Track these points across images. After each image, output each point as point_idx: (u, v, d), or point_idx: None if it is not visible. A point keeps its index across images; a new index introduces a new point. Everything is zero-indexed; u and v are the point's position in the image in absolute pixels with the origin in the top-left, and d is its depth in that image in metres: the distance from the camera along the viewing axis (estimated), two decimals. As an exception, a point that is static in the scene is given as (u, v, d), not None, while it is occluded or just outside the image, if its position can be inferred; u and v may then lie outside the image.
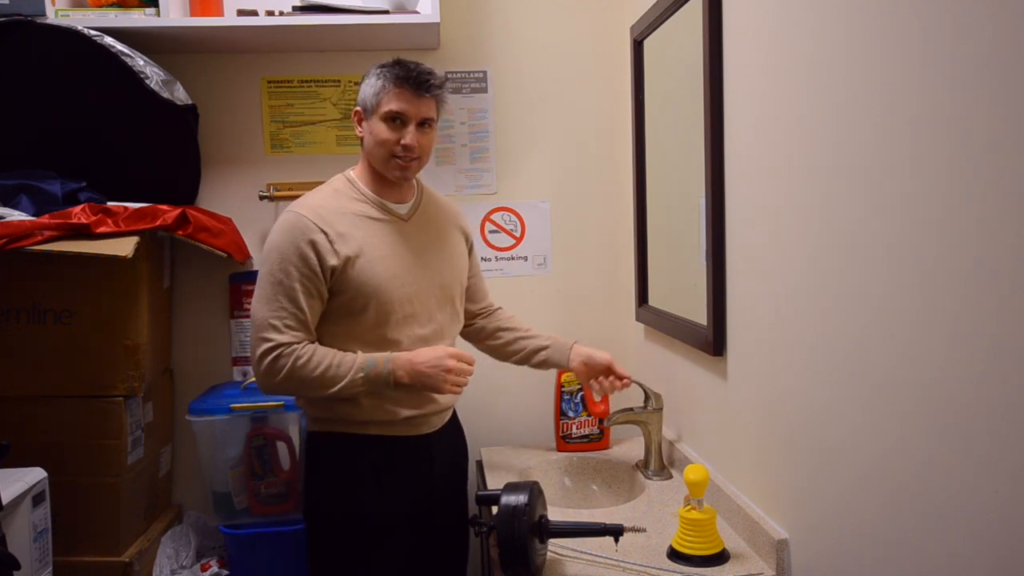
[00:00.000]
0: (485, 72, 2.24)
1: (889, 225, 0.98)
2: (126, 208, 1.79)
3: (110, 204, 1.81)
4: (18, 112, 1.86)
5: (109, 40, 1.83)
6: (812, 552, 1.24)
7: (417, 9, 2.02)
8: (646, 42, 2.02)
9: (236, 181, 2.18)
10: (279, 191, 2.15)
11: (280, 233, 1.53)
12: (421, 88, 1.53)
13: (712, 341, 1.57)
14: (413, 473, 1.62)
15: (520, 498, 1.33)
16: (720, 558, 1.37)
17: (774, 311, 1.33)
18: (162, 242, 2.02)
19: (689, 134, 1.66)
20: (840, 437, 1.13)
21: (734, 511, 1.49)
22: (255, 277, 1.57)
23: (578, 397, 2.05)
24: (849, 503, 1.11)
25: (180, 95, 1.96)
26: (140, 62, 1.86)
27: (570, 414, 2.05)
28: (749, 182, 1.43)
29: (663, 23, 1.84)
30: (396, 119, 1.54)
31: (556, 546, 1.45)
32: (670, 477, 1.82)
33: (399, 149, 1.54)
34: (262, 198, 2.15)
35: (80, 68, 1.84)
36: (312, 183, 1.79)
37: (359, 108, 1.59)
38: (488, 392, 2.21)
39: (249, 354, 1.78)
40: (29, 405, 1.79)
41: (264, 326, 1.50)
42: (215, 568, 1.99)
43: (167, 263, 2.09)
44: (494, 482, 1.83)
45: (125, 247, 1.72)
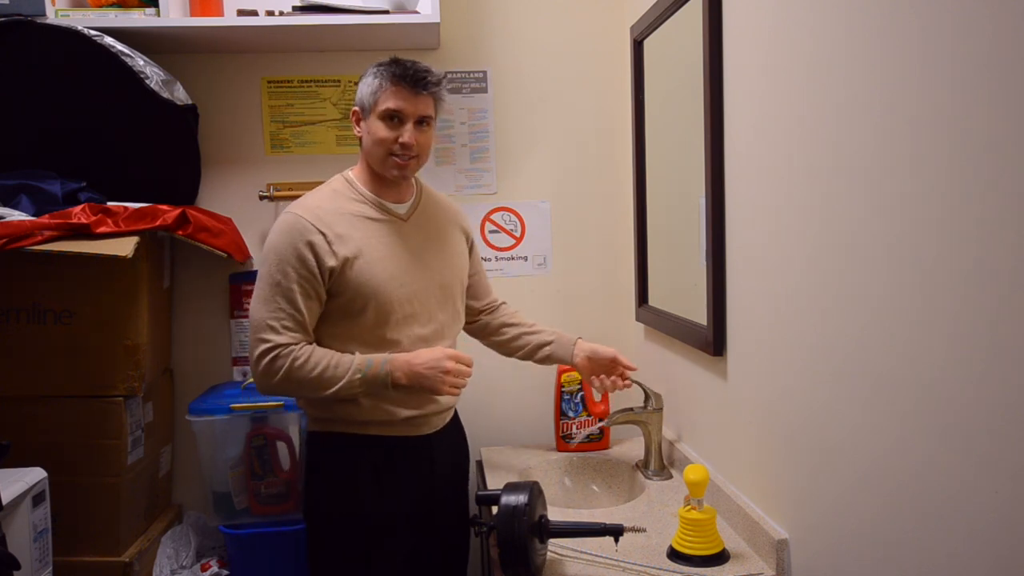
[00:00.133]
0: (485, 72, 2.24)
1: (889, 225, 0.98)
2: (126, 208, 1.79)
3: (110, 204, 1.81)
4: (18, 112, 1.86)
5: (109, 40, 1.83)
6: (812, 552, 1.24)
7: (417, 9, 2.02)
8: (646, 42, 2.02)
9: (236, 181, 2.18)
10: (279, 191, 2.16)
11: (278, 234, 1.53)
12: (418, 85, 1.53)
13: (712, 341, 1.57)
14: (413, 473, 1.62)
15: (520, 498, 1.33)
16: (720, 558, 1.37)
17: (774, 311, 1.33)
18: (162, 242, 2.02)
19: (689, 134, 1.66)
20: (840, 437, 1.13)
21: (734, 511, 1.49)
22: (255, 277, 1.57)
23: (578, 397, 2.05)
24: (849, 503, 1.11)
25: (180, 95, 1.96)
26: (140, 62, 1.86)
27: (570, 414, 2.05)
28: (749, 182, 1.43)
29: (663, 23, 1.84)
30: (394, 117, 1.53)
31: (556, 546, 1.45)
32: (670, 477, 1.82)
33: (397, 148, 1.54)
34: (262, 198, 2.15)
35: (80, 68, 1.84)
36: (312, 183, 1.79)
37: (357, 108, 1.59)
38: (488, 392, 2.21)
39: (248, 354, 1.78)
40: (29, 405, 1.79)
41: (262, 327, 1.50)
42: (215, 568, 1.99)
43: (167, 263, 2.09)
44: (494, 482, 1.83)
45: (125, 247, 1.72)
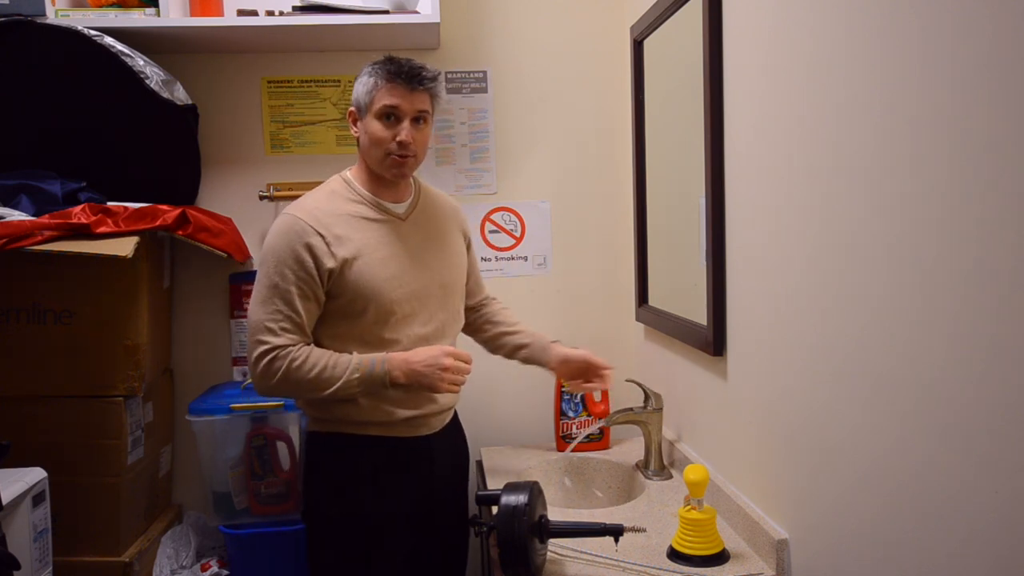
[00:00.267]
0: (485, 72, 2.24)
1: (889, 225, 0.98)
2: (126, 208, 1.79)
3: (110, 204, 1.81)
4: (18, 112, 1.86)
5: (109, 40, 1.83)
6: (812, 552, 1.24)
7: (417, 9, 2.02)
8: (646, 42, 2.02)
9: (236, 181, 2.18)
10: (279, 191, 2.16)
11: (276, 236, 1.53)
12: (413, 81, 1.52)
13: (712, 341, 1.57)
14: (413, 474, 1.61)
15: (520, 498, 1.33)
16: (720, 558, 1.37)
17: (774, 311, 1.33)
18: (162, 242, 2.02)
19: (689, 134, 1.66)
20: (840, 437, 1.13)
21: (734, 511, 1.49)
22: (255, 277, 1.57)
23: (578, 397, 2.05)
24: (849, 503, 1.11)
25: (180, 95, 1.96)
26: (140, 62, 1.86)
27: (570, 414, 2.05)
28: (749, 182, 1.43)
29: (663, 23, 1.84)
30: (390, 115, 1.53)
31: (556, 546, 1.45)
32: (670, 477, 1.82)
33: (394, 146, 1.53)
34: (262, 198, 2.15)
35: (80, 68, 1.84)
36: (312, 183, 1.79)
37: (353, 108, 1.59)
38: (488, 392, 2.21)
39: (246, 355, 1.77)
40: (29, 405, 1.79)
41: (260, 329, 1.50)
42: (215, 568, 1.99)
43: (167, 263, 2.09)
44: (494, 482, 1.83)
45: (125, 247, 1.72)
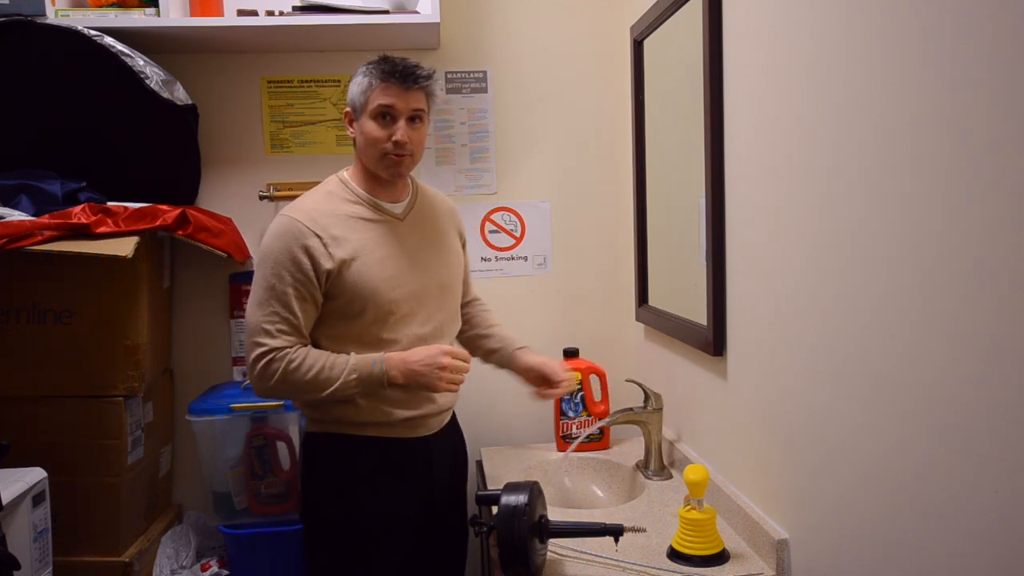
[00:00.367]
0: (485, 72, 2.24)
1: (889, 225, 0.98)
2: (126, 208, 1.79)
3: (110, 204, 1.81)
4: (18, 112, 1.86)
5: (109, 40, 1.83)
6: (812, 552, 1.24)
7: (417, 9, 2.02)
8: (646, 42, 2.02)
9: (236, 181, 2.18)
10: (279, 191, 2.15)
11: (274, 238, 1.52)
12: (408, 80, 1.52)
13: (712, 341, 1.57)
14: (411, 475, 1.61)
15: (520, 498, 1.33)
16: (720, 558, 1.37)
17: (774, 311, 1.33)
18: (162, 242, 2.02)
19: (689, 134, 1.66)
20: (840, 437, 1.13)
21: (734, 511, 1.49)
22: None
23: (578, 397, 2.05)
24: (849, 503, 1.11)
25: (180, 95, 1.96)
26: (140, 62, 1.86)
27: (570, 414, 2.05)
28: (749, 182, 1.43)
29: (663, 23, 1.84)
30: (386, 115, 1.52)
31: (556, 546, 1.45)
32: (670, 477, 1.82)
33: (390, 146, 1.52)
34: (262, 198, 2.15)
35: (80, 68, 1.84)
36: (312, 183, 1.79)
37: (349, 109, 1.59)
38: (488, 392, 2.21)
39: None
40: (29, 405, 1.79)
41: (257, 331, 1.49)
42: (215, 568, 1.99)
43: (167, 263, 2.09)
44: (494, 482, 1.83)
45: (125, 247, 1.72)
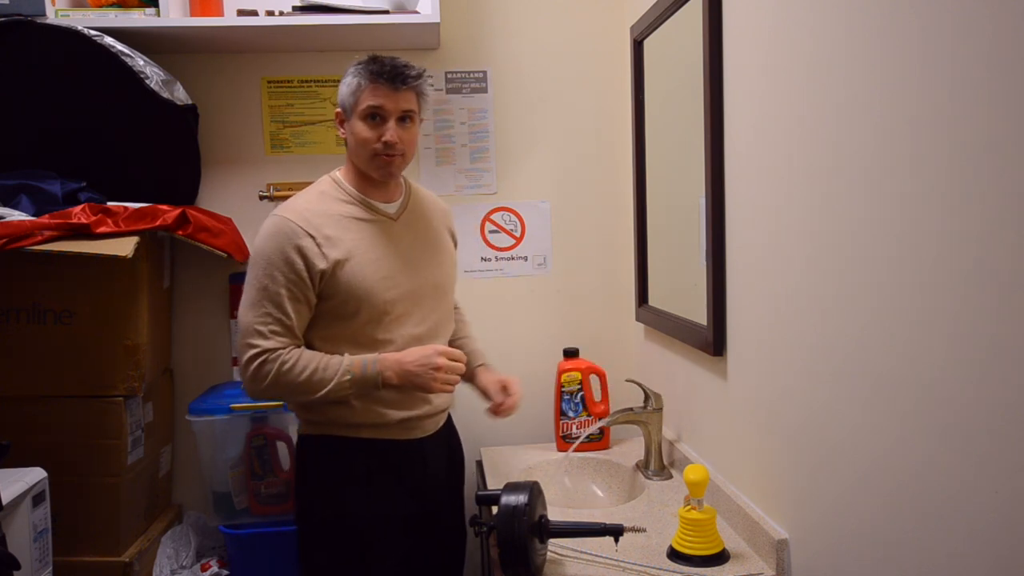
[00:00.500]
0: (485, 72, 2.24)
1: (889, 225, 0.98)
2: (126, 208, 1.79)
3: (110, 204, 1.81)
4: (18, 112, 1.86)
5: (109, 40, 1.83)
6: (812, 552, 1.24)
7: (417, 9, 2.02)
8: (646, 42, 2.02)
9: (236, 181, 2.18)
10: (279, 191, 2.15)
11: (267, 238, 1.51)
12: (397, 81, 1.50)
13: (712, 341, 1.57)
14: (406, 478, 1.59)
15: (520, 498, 1.32)
16: (720, 558, 1.37)
17: (774, 311, 1.33)
18: (162, 242, 2.02)
19: (689, 134, 1.66)
20: (840, 437, 1.13)
21: (734, 511, 1.49)
22: None
23: (578, 397, 2.05)
24: (849, 503, 1.11)
25: (180, 95, 1.96)
26: (140, 62, 1.86)
27: (570, 414, 2.05)
28: (749, 182, 1.43)
29: (663, 23, 1.84)
30: (375, 116, 1.51)
31: (556, 546, 1.45)
32: (670, 477, 1.82)
33: (381, 146, 1.51)
34: (262, 198, 2.15)
35: (80, 68, 1.84)
36: (312, 183, 1.79)
37: (339, 109, 1.57)
38: (488, 392, 2.21)
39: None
40: (29, 405, 1.79)
41: (250, 332, 1.48)
42: (215, 568, 1.99)
43: (167, 263, 2.09)
44: (494, 482, 1.83)
45: (125, 247, 1.72)
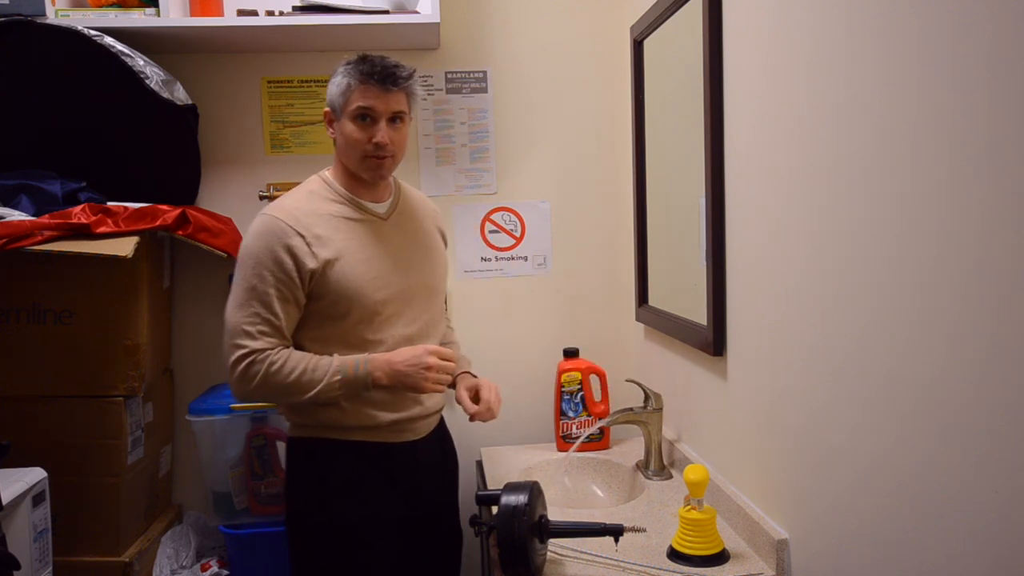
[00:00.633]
0: (485, 72, 2.24)
1: (889, 225, 0.98)
2: (126, 208, 1.79)
3: (110, 204, 1.81)
4: (18, 112, 1.86)
5: (109, 40, 1.83)
6: (812, 552, 1.24)
7: (417, 9, 2.02)
8: (646, 42, 2.02)
9: (236, 181, 2.18)
10: (279, 191, 2.14)
11: (255, 237, 1.49)
12: (387, 82, 1.48)
13: (712, 341, 1.57)
14: (399, 481, 1.58)
15: (520, 498, 1.33)
16: (720, 558, 1.37)
17: (774, 311, 1.33)
18: (162, 242, 2.02)
19: (689, 134, 1.66)
20: (840, 437, 1.13)
21: (734, 511, 1.49)
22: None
23: (578, 397, 2.05)
24: (849, 503, 1.11)
25: (180, 95, 1.96)
26: (140, 62, 1.86)
27: (570, 414, 2.05)
28: (749, 182, 1.43)
29: (663, 23, 1.84)
30: (365, 117, 1.49)
31: (556, 546, 1.45)
32: (670, 477, 1.82)
33: (371, 148, 1.50)
34: (262, 198, 2.15)
35: (80, 68, 1.84)
36: (312, 183, 1.79)
37: (328, 109, 1.55)
38: (488, 392, 2.21)
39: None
40: (29, 405, 1.79)
41: (237, 332, 1.46)
42: (215, 568, 1.99)
43: (167, 263, 2.09)
44: (494, 482, 1.83)
45: (125, 247, 1.72)
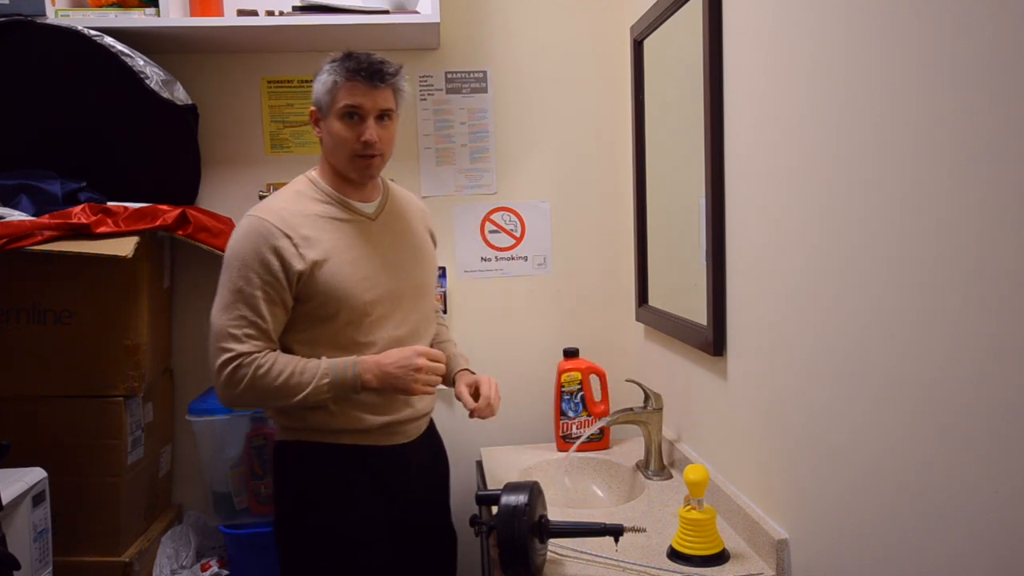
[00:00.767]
0: (485, 72, 2.24)
1: (889, 225, 0.98)
2: (126, 208, 1.79)
3: (110, 204, 1.81)
4: (18, 112, 1.86)
5: (109, 40, 1.83)
6: (812, 552, 1.24)
7: (417, 9, 2.02)
8: (646, 42, 2.02)
9: (236, 181, 2.18)
10: (279, 191, 2.15)
11: (241, 238, 1.47)
12: (374, 78, 1.46)
13: (712, 341, 1.57)
14: (390, 484, 1.56)
15: (520, 498, 1.33)
16: (720, 558, 1.37)
17: (774, 311, 1.33)
18: (162, 242, 2.02)
19: (689, 134, 1.66)
20: (840, 437, 1.13)
21: (734, 511, 1.49)
22: None
23: (578, 397, 2.05)
24: (849, 503, 1.11)
25: (180, 95, 1.96)
26: (140, 62, 1.86)
27: (570, 414, 2.05)
28: (749, 182, 1.43)
29: (663, 23, 1.84)
30: (353, 115, 1.47)
31: (556, 546, 1.45)
32: (670, 477, 1.82)
33: (360, 146, 1.48)
34: (262, 198, 2.14)
35: (80, 68, 1.84)
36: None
37: (314, 108, 1.53)
38: (488, 392, 2.21)
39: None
40: (29, 405, 1.79)
41: (223, 336, 1.44)
42: (215, 568, 1.99)
43: (167, 263, 2.09)
44: (494, 482, 1.83)
45: (125, 247, 1.72)
